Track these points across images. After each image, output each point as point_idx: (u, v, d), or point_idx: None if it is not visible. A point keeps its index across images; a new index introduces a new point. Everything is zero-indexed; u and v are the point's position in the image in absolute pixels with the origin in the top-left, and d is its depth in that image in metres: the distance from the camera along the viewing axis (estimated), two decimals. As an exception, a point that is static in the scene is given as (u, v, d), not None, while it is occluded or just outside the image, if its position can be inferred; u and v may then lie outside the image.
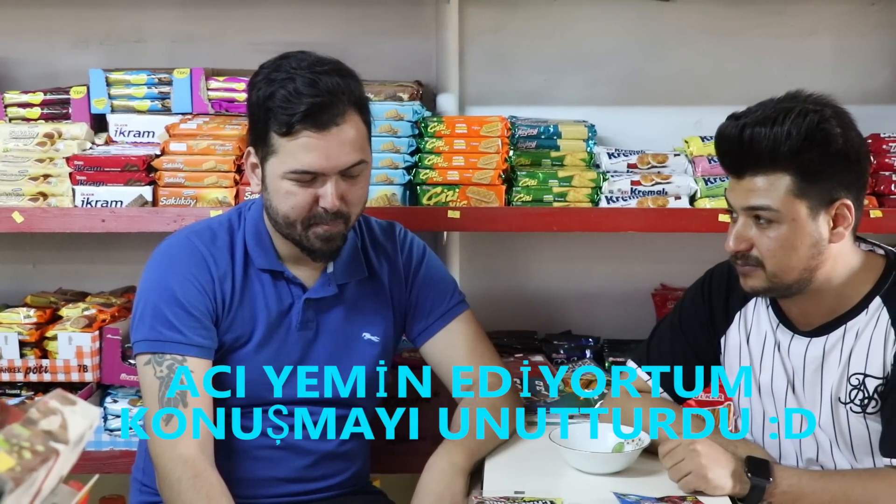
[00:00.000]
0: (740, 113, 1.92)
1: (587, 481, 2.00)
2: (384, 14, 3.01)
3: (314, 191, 2.00)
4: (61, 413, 1.01)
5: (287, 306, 2.14)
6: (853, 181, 1.91)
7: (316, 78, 1.97)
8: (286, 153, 1.98)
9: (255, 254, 2.13)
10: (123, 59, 2.91)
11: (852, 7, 3.05)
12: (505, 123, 2.68)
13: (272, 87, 1.98)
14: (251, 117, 2.06)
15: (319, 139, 1.97)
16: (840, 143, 1.86)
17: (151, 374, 2.04)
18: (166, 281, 2.09)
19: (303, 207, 2.01)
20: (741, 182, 1.91)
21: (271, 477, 2.15)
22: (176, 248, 2.13)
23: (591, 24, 3.05)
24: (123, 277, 2.98)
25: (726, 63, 3.05)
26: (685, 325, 2.19)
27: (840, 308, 1.97)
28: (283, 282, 2.14)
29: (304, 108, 1.94)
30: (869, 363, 1.93)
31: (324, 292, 2.16)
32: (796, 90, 1.94)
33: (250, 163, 2.09)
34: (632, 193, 2.65)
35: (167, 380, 2.02)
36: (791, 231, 1.88)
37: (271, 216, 2.08)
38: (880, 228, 2.57)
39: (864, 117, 2.71)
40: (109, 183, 2.58)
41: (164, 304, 2.06)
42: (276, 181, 2.01)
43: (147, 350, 2.06)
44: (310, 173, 1.99)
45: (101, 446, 2.59)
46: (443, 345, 2.26)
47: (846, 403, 1.96)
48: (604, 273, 3.13)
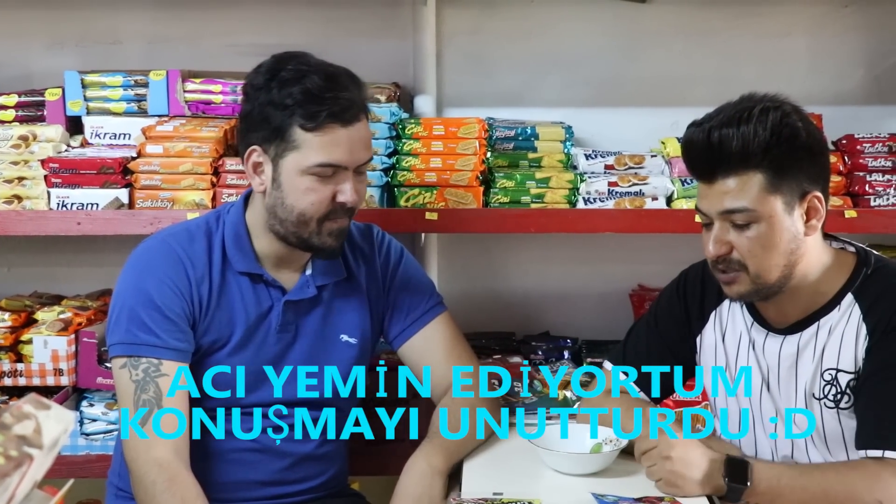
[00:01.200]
0: (701, 119, 1.93)
1: (565, 482, 2.00)
2: (361, 16, 3.01)
3: (332, 186, 2.03)
4: (35, 417, 1.01)
5: (266, 309, 2.14)
6: (819, 173, 1.94)
7: (333, 76, 2.02)
8: (312, 147, 2.00)
9: (233, 256, 2.12)
10: (99, 61, 2.90)
11: (826, 9, 3.07)
12: (482, 125, 2.68)
13: (288, 85, 1.99)
14: (258, 117, 2.03)
15: (344, 134, 2.01)
16: (804, 136, 1.89)
17: (127, 377, 2.03)
18: (142, 284, 2.08)
19: (322, 203, 2.03)
20: (713, 186, 1.91)
21: (248, 480, 2.14)
22: (152, 251, 2.12)
23: (568, 26, 3.06)
24: (99, 280, 2.97)
25: (702, 64, 3.06)
26: (661, 325, 2.20)
27: (814, 305, 1.99)
28: (262, 284, 2.14)
29: (331, 103, 1.99)
30: (841, 358, 1.95)
31: (303, 294, 2.16)
32: (749, 92, 1.96)
33: (252, 162, 2.07)
34: (609, 194, 2.65)
35: (143, 383, 2.01)
36: (769, 228, 1.90)
37: (279, 215, 2.06)
38: (855, 228, 2.59)
39: (839, 118, 2.75)
40: (85, 185, 2.56)
41: (140, 307, 2.06)
42: (295, 177, 2.02)
43: (123, 353, 2.05)
44: (334, 167, 2.02)
45: (77, 450, 2.57)
46: (420, 346, 2.26)
47: (820, 399, 1.97)
48: (582, 274, 3.13)
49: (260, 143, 2.05)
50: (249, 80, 2.08)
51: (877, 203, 2.68)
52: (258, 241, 2.13)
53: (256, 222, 2.13)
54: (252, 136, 2.06)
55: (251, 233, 2.13)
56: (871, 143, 2.73)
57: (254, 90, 2.05)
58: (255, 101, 2.04)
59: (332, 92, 1.99)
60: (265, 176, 2.06)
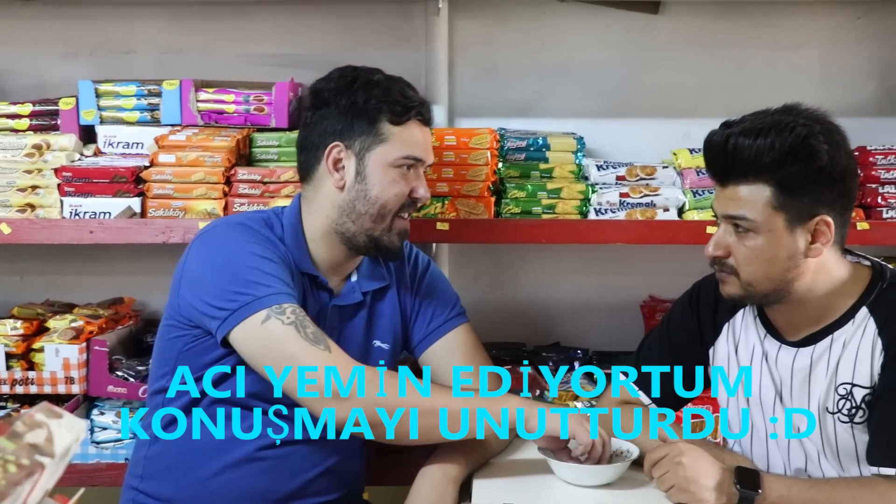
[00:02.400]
0: (732, 121, 1.94)
1: (575, 494, 2.00)
2: (374, 26, 3.02)
3: (411, 182, 2.17)
4: (47, 426, 1.01)
5: (316, 311, 2.16)
6: (836, 199, 1.92)
7: (407, 83, 2.21)
8: (399, 141, 2.14)
9: (296, 255, 2.16)
10: (112, 71, 2.91)
11: (839, 21, 3.07)
12: (494, 135, 2.68)
13: (373, 87, 2.14)
14: (340, 116, 2.14)
15: (424, 132, 2.20)
16: (825, 159, 1.87)
17: (278, 325, 1.98)
18: (245, 248, 2.07)
19: (403, 195, 2.15)
20: (725, 190, 1.94)
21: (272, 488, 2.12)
22: (237, 227, 2.14)
23: (580, 37, 3.06)
24: (111, 289, 2.98)
25: (714, 76, 3.06)
26: (674, 337, 2.20)
27: (826, 318, 1.98)
28: (316, 287, 2.18)
29: (417, 102, 2.17)
30: (856, 373, 1.94)
31: (350, 299, 2.22)
32: (794, 103, 1.96)
33: (333, 159, 2.14)
34: (620, 205, 2.65)
35: (300, 323, 1.99)
36: (767, 242, 1.90)
37: (358, 209, 2.13)
38: (867, 240, 2.58)
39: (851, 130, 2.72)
40: (98, 194, 2.57)
41: (257, 265, 2.04)
42: (382, 169, 2.13)
43: (257, 308, 1.99)
44: (416, 160, 2.16)
45: (88, 459, 2.58)
46: (440, 354, 2.29)
47: (834, 413, 1.96)
48: (592, 285, 3.13)
49: (343, 140, 2.14)
50: (324, 87, 2.18)
51: (889, 215, 2.67)
52: (314, 244, 2.18)
53: (315, 226, 2.18)
54: (332, 135, 2.15)
55: (307, 236, 2.18)
56: (883, 156, 2.72)
57: (333, 94, 2.16)
58: (336, 102, 2.15)
59: (412, 93, 2.19)
60: (346, 171, 2.14)
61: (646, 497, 1.96)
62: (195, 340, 2.09)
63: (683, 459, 1.90)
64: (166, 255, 2.48)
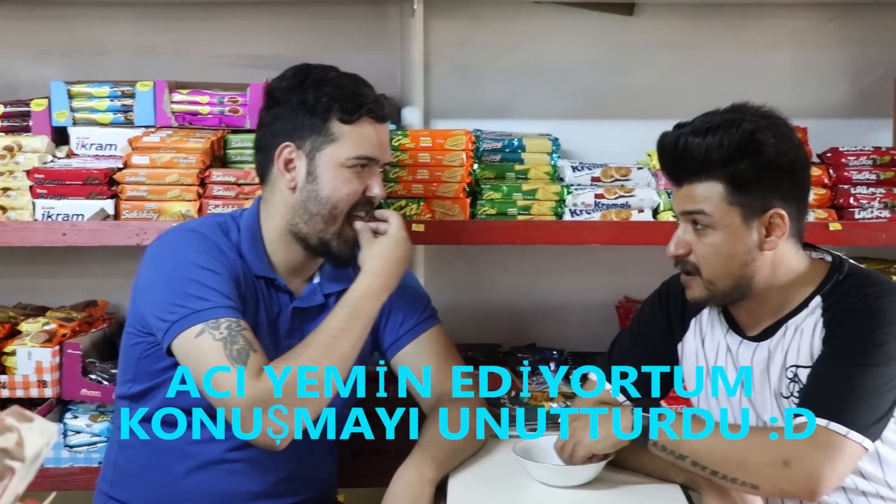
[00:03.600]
0: (683, 122, 1.99)
1: (551, 494, 2.00)
2: (349, 27, 3.02)
3: (364, 181, 2.13)
4: (18, 430, 1.00)
5: (276, 314, 2.16)
6: (788, 191, 1.96)
7: (361, 79, 2.18)
8: (350, 140, 2.10)
9: (251, 260, 2.14)
10: (85, 72, 2.89)
11: (811, 23, 3.09)
12: (469, 137, 2.68)
13: (324, 84, 2.11)
14: (291, 115, 2.11)
15: (377, 130, 2.15)
16: (772, 153, 1.91)
17: (209, 340, 1.96)
18: (192, 258, 2.05)
19: (355, 195, 2.12)
20: (681, 189, 1.98)
21: (242, 490, 2.12)
22: (185, 236, 2.12)
23: (555, 38, 3.07)
24: (84, 292, 2.96)
25: (688, 77, 3.08)
26: (645, 334, 2.22)
27: (783, 310, 2.02)
28: (274, 289, 2.16)
29: (369, 99, 2.13)
30: (801, 354, 1.98)
31: (311, 301, 2.19)
32: (742, 101, 2.00)
33: (284, 159, 2.12)
34: (595, 206, 2.66)
35: (230, 338, 1.96)
36: (725, 238, 1.94)
37: (310, 210, 2.11)
38: (839, 241, 2.60)
39: (824, 131, 2.77)
40: (70, 196, 2.55)
41: (200, 277, 2.03)
42: (333, 169, 2.10)
43: (195, 322, 1.98)
44: (368, 159, 2.12)
45: (61, 463, 2.56)
46: (412, 356, 2.28)
47: (787, 397, 1.99)
48: (568, 286, 3.14)
49: (293, 140, 2.12)
50: (277, 85, 2.17)
51: (861, 216, 2.69)
52: (272, 246, 2.17)
53: (272, 228, 2.16)
54: (283, 135, 2.12)
55: (265, 238, 2.17)
56: (855, 157, 2.74)
57: (284, 92, 2.14)
58: (287, 102, 2.13)
59: (365, 90, 2.14)
60: (298, 171, 2.12)
61: (621, 497, 1.97)
62: (151, 347, 2.09)
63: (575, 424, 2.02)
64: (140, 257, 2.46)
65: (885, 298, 1.92)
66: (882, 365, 1.87)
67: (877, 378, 1.87)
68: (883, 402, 1.87)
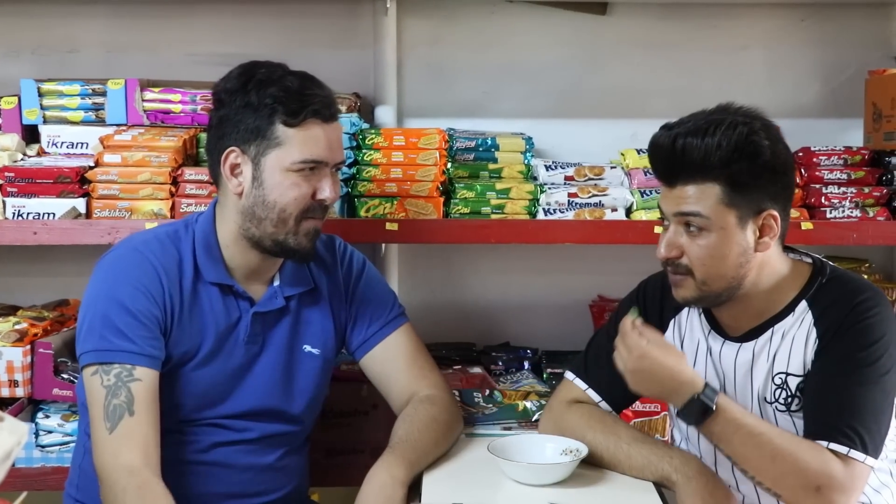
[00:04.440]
0: (673, 123, 1.97)
1: (525, 493, 2.00)
2: (322, 25, 3.01)
3: (313, 183, 2.07)
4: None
5: (235, 320, 2.13)
6: (779, 192, 1.97)
7: (308, 77, 2.09)
8: (295, 143, 2.04)
9: (204, 266, 2.11)
10: (56, 69, 2.87)
11: (783, 22, 3.11)
12: (443, 136, 2.68)
13: (267, 85, 2.04)
14: (235, 118, 2.05)
15: (325, 131, 2.07)
16: (768, 155, 1.92)
17: (98, 383, 1.99)
18: (115, 290, 2.05)
19: (304, 198, 2.06)
20: (673, 190, 1.96)
21: (210, 493, 2.12)
22: (124, 258, 2.10)
23: (528, 37, 3.07)
24: (56, 291, 2.94)
25: (661, 76, 3.09)
26: (621, 335, 2.21)
27: (767, 312, 2.02)
28: (232, 296, 2.13)
29: (315, 100, 2.05)
30: (791, 362, 1.99)
31: (271, 305, 2.16)
32: (727, 102, 2.00)
33: (230, 164, 2.08)
34: (569, 205, 2.67)
35: (114, 388, 1.98)
36: (720, 239, 1.94)
37: (258, 215, 2.07)
38: (811, 240, 2.62)
39: (796, 131, 2.78)
40: (41, 195, 2.53)
41: (113, 313, 2.02)
42: (278, 174, 2.05)
43: (95, 361, 2.01)
44: (315, 163, 2.06)
45: (32, 462, 2.54)
46: (382, 357, 2.26)
47: (772, 403, 2.01)
48: (542, 285, 3.14)
49: (238, 145, 2.06)
50: (222, 87, 2.10)
51: (833, 215, 2.71)
52: (228, 251, 2.13)
53: (227, 232, 2.13)
54: (228, 139, 2.08)
55: (221, 243, 2.13)
56: (827, 156, 2.77)
57: (228, 94, 2.07)
58: (230, 104, 2.07)
59: (311, 90, 2.06)
60: (244, 177, 2.07)
61: (595, 495, 1.97)
62: None
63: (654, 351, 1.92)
64: (112, 256, 2.44)
65: (876, 308, 1.94)
66: (881, 382, 1.91)
67: (878, 395, 1.91)
68: (885, 418, 1.93)
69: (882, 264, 3.16)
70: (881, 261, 3.16)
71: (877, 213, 2.71)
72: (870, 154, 2.80)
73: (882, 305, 1.96)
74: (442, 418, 2.19)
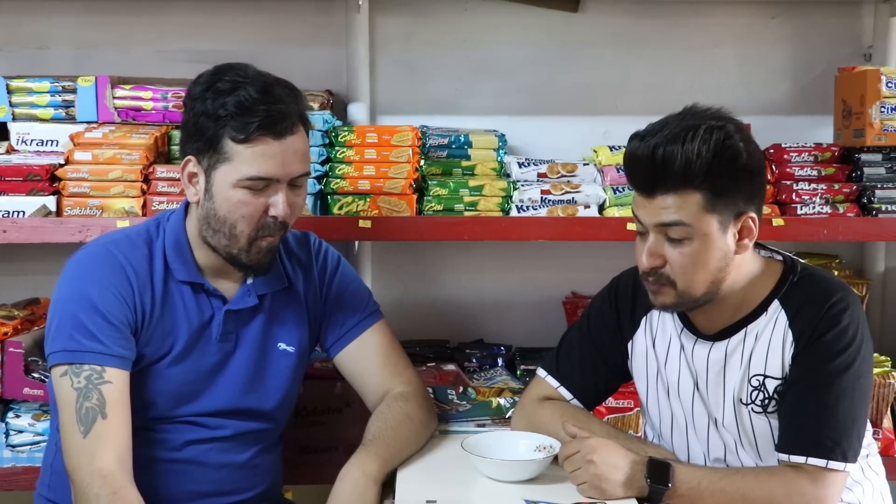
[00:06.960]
0: (644, 132, 1.93)
1: (499, 489, 2.00)
2: (294, 22, 3.00)
3: (265, 200, 2.02)
4: (-43, 430, 0.98)
5: (207, 318, 2.12)
6: (756, 193, 1.96)
7: (268, 87, 2.00)
8: (242, 160, 1.98)
9: (175, 265, 2.10)
10: (25, 66, 2.85)
11: (754, 21, 3.13)
12: (416, 133, 2.68)
13: (223, 96, 1.98)
14: (193, 127, 2.02)
15: (276, 146, 1.99)
16: (745, 157, 1.90)
17: (68, 385, 1.97)
18: (85, 290, 2.03)
19: (253, 217, 2.02)
20: (653, 200, 1.92)
21: (184, 491, 2.11)
22: (94, 257, 2.08)
23: (500, 35, 3.08)
24: (26, 289, 2.91)
25: (633, 74, 3.10)
26: (594, 332, 2.22)
27: (741, 312, 2.02)
28: (203, 294, 2.12)
29: (263, 116, 1.97)
30: (768, 364, 1.99)
31: (244, 303, 2.15)
32: (692, 104, 1.97)
33: (188, 172, 2.06)
34: (542, 202, 2.67)
35: (85, 391, 1.96)
36: (702, 246, 1.92)
37: (212, 226, 2.05)
38: (782, 236, 2.63)
39: (767, 128, 2.80)
40: (11, 193, 2.52)
41: (82, 314, 2.00)
42: (227, 190, 2.01)
43: (64, 361, 1.99)
44: (265, 180, 2.00)
45: (3, 463, 2.52)
46: (356, 354, 2.26)
47: (748, 404, 2.01)
48: (515, 281, 3.15)
49: (195, 154, 2.04)
50: (189, 91, 2.07)
51: (803, 211, 2.72)
52: (198, 250, 2.12)
53: (194, 233, 2.11)
54: (188, 146, 2.06)
55: (191, 242, 2.12)
56: (797, 153, 2.78)
57: (191, 100, 2.04)
58: (191, 111, 2.04)
59: (265, 104, 1.98)
60: (199, 186, 2.05)
61: (568, 491, 1.98)
62: None
63: (594, 457, 1.93)
64: (83, 254, 2.42)
65: (848, 310, 1.95)
66: (857, 387, 1.93)
67: (856, 400, 1.93)
68: (862, 421, 1.96)
69: (852, 260, 3.19)
70: (851, 256, 3.19)
71: (847, 210, 2.74)
72: (840, 151, 2.82)
73: (853, 304, 1.97)
74: (416, 415, 2.19)
